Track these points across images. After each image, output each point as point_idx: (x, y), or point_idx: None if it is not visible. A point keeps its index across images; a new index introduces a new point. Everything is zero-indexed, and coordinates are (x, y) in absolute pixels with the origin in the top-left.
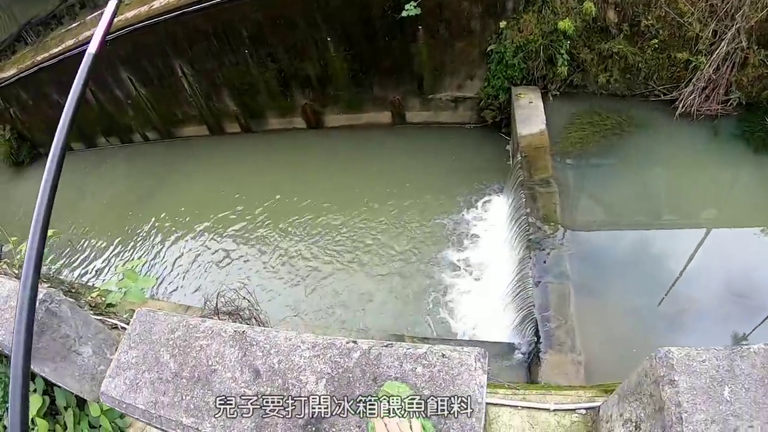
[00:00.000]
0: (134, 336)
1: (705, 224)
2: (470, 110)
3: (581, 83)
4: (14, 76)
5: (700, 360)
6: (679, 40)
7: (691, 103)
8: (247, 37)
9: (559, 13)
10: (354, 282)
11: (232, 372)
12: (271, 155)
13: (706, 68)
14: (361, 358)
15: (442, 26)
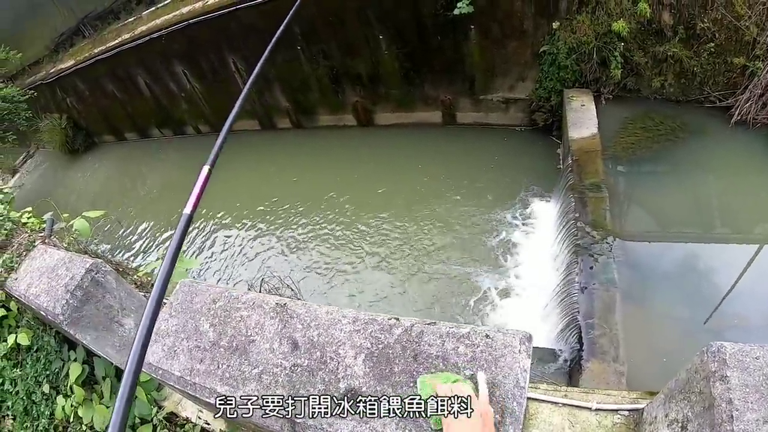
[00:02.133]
0: (176, 305)
1: (759, 240)
2: (521, 112)
3: (635, 87)
4: (72, 68)
5: (754, 356)
6: (735, 44)
7: (747, 110)
8: (300, 34)
9: (613, 14)
10: (392, 280)
11: (270, 343)
12: (320, 151)
13: (764, 74)
14: (403, 334)
15: (494, 26)
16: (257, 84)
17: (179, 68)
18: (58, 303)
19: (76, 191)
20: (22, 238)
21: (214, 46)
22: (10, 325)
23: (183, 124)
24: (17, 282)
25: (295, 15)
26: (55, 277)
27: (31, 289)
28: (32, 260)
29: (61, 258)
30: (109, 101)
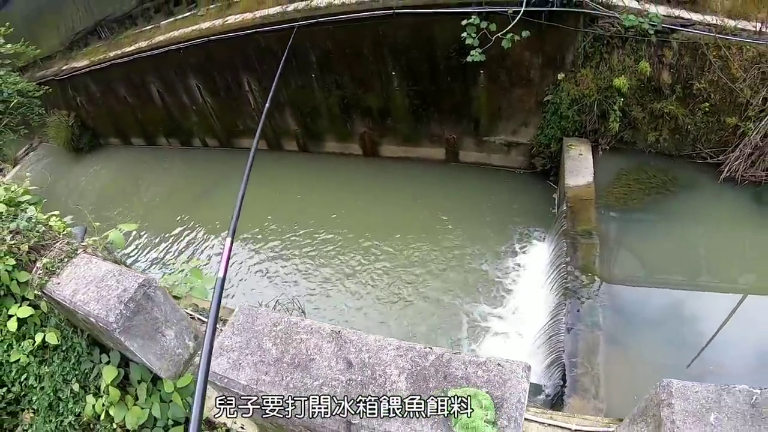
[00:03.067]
0: (238, 325)
1: (742, 289)
2: (522, 156)
3: (631, 140)
4: (86, 68)
5: (694, 391)
6: (729, 105)
7: (736, 168)
8: (316, 62)
9: (616, 70)
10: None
11: (329, 362)
12: (324, 177)
13: (754, 135)
14: (436, 360)
15: (503, 73)
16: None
17: (194, 81)
18: (111, 312)
19: (78, 190)
20: (63, 244)
21: (230, 64)
22: (35, 323)
23: (191, 136)
24: (60, 287)
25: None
26: (105, 287)
27: (77, 295)
28: (76, 267)
29: (109, 270)
30: (119, 105)
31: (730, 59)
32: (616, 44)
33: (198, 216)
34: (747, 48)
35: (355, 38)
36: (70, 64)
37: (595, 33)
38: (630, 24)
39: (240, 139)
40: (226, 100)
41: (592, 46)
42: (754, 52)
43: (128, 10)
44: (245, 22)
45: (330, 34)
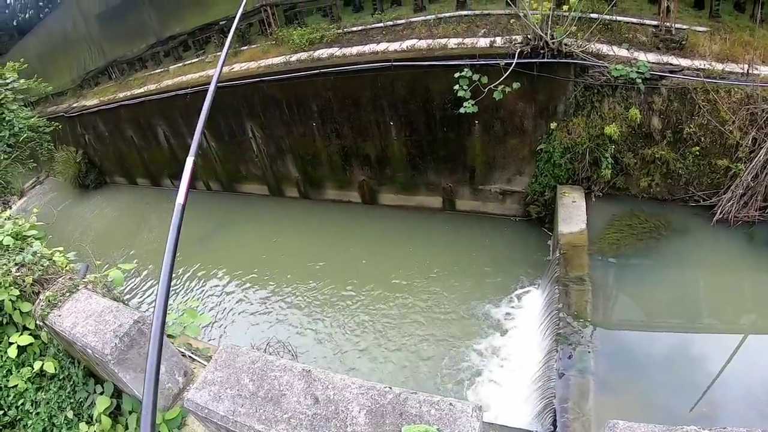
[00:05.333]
0: (220, 361)
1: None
2: (516, 204)
3: (624, 186)
4: (95, 107)
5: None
6: (719, 147)
7: (729, 209)
8: (317, 111)
9: (607, 118)
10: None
11: (298, 397)
12: (323, 224)
13: (745, 175)
14: (393, 398)
15: (497, 123)
16: (269, 152)
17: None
18: (107, 345)
19: (81, 226)
20: (65, 279)
21: (235, 110)
22: (34, 352)
23: (195, 179)
24: (61, 319)
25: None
26: (102, 322)
27: (77, 328)
28: (77, 302)
29: (107, 306)
30: (126, 145)
31: (718, 102)
32: (606, 93)
33: (197, 259)
34: (735, 90)
35: (354, 89)
36: (81, 102)
37: (585, 82)
38: (619, 73)
39: (242, 184)
40: (229, 146)
41: (583, 96)
42: (742, 93)
43: (139, 54)
44: (250, 71)
45: (331, 84)
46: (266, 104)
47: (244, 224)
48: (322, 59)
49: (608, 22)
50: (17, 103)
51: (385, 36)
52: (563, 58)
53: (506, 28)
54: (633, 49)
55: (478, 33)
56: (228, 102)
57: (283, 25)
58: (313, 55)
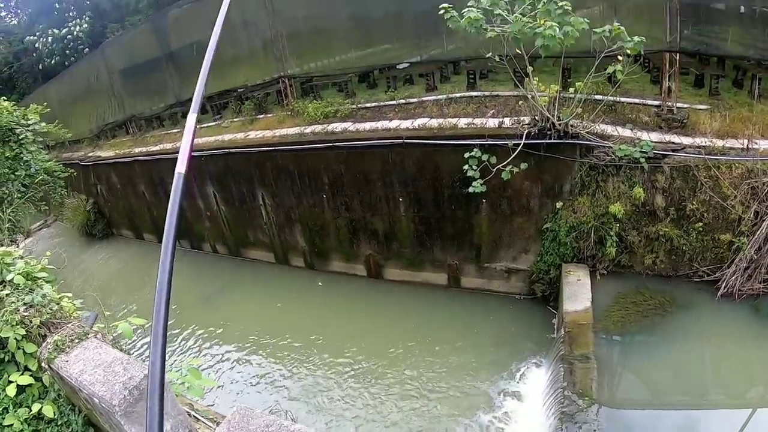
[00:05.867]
0: (234, 422)
1: (749, 404)
2: (522, 282)
3: (628, 263)
4: (111, 159)
5: None
6: (722, 222)
7: (733, 283)
8: (328, 184)
9: (611, 197)
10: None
11: None
12: (327, 295)
13: (748, 248)
14: None
15: (504, 202)
16: (278, 220)
17: (211, 189)
18: (115, 396)
19: (84, 275)
20: (75, 326)
21: (247, 177)
22: (33, 394)
23: (202, 241)
24: (68, 364)
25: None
26: (111, 373)
27: (84, 375)
28: (85, 350)
29: (117, 357)
30: (137, 199)
31: (720, 178)
32: (611, 172)
33: (200, 319)
34: (736, 166)
35: (366, 164)
36: (96, 152)
37: (590, 162)
38: (623, 153)
39: (249, 250)
40: (239, 211)
41: (589, 175)
42: (742, 168)
43: (157, 112)
44: (265, 139)
45: (343, 158)
46: (279, 173)
47: (249, 289)
48: (336, 133)
49: (612, 104)
50: (36, 145)
51: (397, 113)
52: (569, 139)
53: (514, 109)
54: (636, 129)
55: (487, 114)
56: (241, 168)
57: (299, 96)
58: (327, 128)
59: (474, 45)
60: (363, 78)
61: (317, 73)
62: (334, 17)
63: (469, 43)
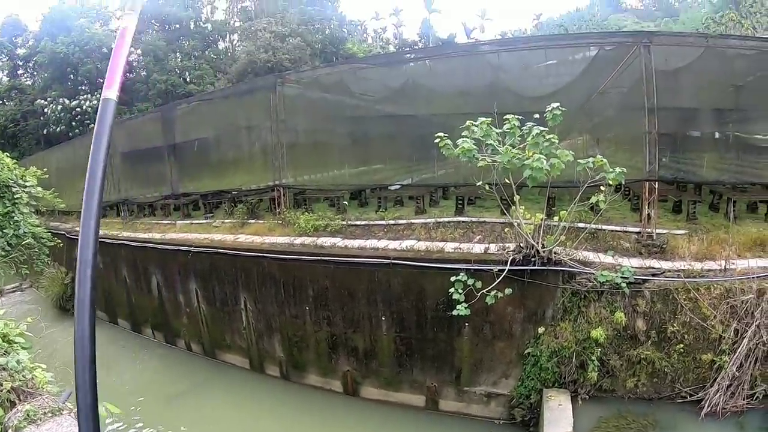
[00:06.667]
0: None
1: None
2: (501, 406)
3: (610, 387)
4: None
5: None
6: (703, 342)
7: (716, 401)
8: (312, 296)
9: (593, 322)
10: None
11: None
12: (301, 409)
13: (730, 366)
14: None
15: (486, 327)
16: (258, 327)
17: (193, 286)
18: None
19: (50, 348)
20: (48, 399)
21: (232, 279)
22: None
23: (177, 337)
24: None
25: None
26: None
27: None
28: (59, 426)
29: None
30: (118, 284)
31: (699, 299)
32: (592, 298)
33: (163, 419)
34: (714, 286)
35: (352, 280)
36: None
37: (573, 288)
38: (604, 279)
39: (224, 352)
40: (220, 312)
41: (571, 301)
42: (721, 289)
43: (151, 200)
44: (254, 245)
45: (330, 273)
46: (264, 280)
47: (219, 394)
48: (325, 247)
49: (594, 231)
50: (29, 207)
51: (386, 233)
52: (553, 266)
53: (500, 235)
54: (617, 255)
55: (474, 239)
56: (227, 270)
57: (291, 206)
58: (317, 241)
59: (464, 172)
60: (355, 195)
61: (311, 185)
62: (333, 133)
63: (459, 170)
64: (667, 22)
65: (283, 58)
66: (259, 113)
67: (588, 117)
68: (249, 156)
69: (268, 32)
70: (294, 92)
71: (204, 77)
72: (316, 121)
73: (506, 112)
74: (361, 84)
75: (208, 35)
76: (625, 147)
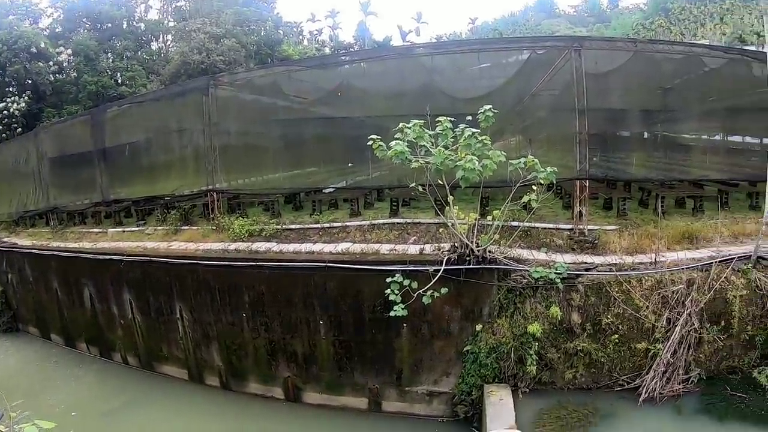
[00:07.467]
0: None
1: None
2: (444, 404)
3: (549, 380)
4: (27, 248)
5: None
6: (637, 332)
7: (653, 387)
8: (248, 302)
9: (529, 317)
10: None
11: None
12: (242, 419)
13: (664, 353)
14: None
15: (424, 326)
16: (195, 336)
17: (127, 296)
18: None
19: None
20: None
21: (167, 288)
22: None
23: (112, 350)
24: None
25: (244, 284)
26: None
27: None
28: None
29: None
30: (49, 297)
31: (631, 291)
32: (528, 294)
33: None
34: (645, 279)
35: (288, 285)
36: (12, 239)
37: (508, 285)
38: (539, 275)
39: (162, 364)
40: (155, 322)
41: (507, 298)
42: (652, 280)
43: (81, 208)
44: (188, 252)
45: (265, 278)
46: (199, 288)
47: (157, 407)
48: (260, 252)
49: (528, 229)
50: None
51: (321, 237)
52: (488, 264)
53: (435, 236)
54: (551, 252)
55: (409, 240)
56: (161, 278)
57: (225, 212)
58: (252, 246)
59: (398, 174)
60: (289, 199)
61: (245, 190)
62: (267, 135)
63: (394, 172)
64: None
65: (218, 60)
66: (191, 116)
67: (521, 118)
68: (181, 160)
69: (202, 33)
70: (227, 94)
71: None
72: (250, 123)
73: (440, 114)
74: (295, 86)
75: (141, 35)
76: (557, 147)
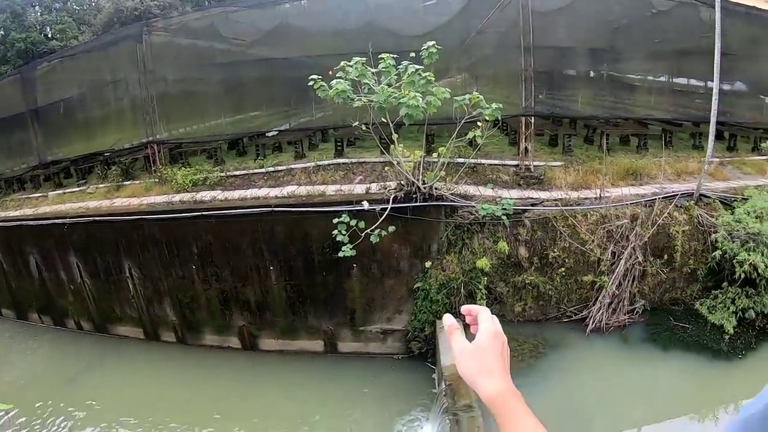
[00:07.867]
0: None
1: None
2: (398, 341)
3: (499, 313)
4: None
5: None
6: (583, 265)
7: (600, 318)
8: (197, 254)
9: (477, 253)
10: None
11: None
12: (201, 371)
13: (610, 285)
14: None
15: (374, 266)
16: (146, 293)
17: (74, 259)
18: None
19: None
20: None
21: (113, 247)
22: None
23: (65, 316)
24: None
25: (192, 235)
26: None
27: None
28: None
29: None
30: None
31: (577, 226)
32: (475, 230)
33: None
34: (591, 213)
35: (235, 233)
36: None
37: (456, 222)
38: (485, 212)
39: (116, 325)
40: (105, 284)
41: (455, 234)
42: (597, 215)
43: (19, 174)
44: (131, 208)
45: (212, 227)
46: (145, 243)
47: (116, 368)
48: (205, 202)
49: (474, 166)
50: None
51: (266, 182)
52: (434, 201)
53: (381, 174)
54: (497, 188)
55: (355, 180)
56: (106, 238)
57: (167, 163)
58: (196, 196)
59: (342, 113)
60: (233, 145)
61: (187, 138)
62: (206, 81)
63: (337, 112)
64: None
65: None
66: (126, 66)
67: (467, 56)
68: (119, 113)
69: None
70: (162, 40)
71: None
72: (187, 69)
73: (385, 52)
74: (232, 28)
75: None
76: (503, 84)
